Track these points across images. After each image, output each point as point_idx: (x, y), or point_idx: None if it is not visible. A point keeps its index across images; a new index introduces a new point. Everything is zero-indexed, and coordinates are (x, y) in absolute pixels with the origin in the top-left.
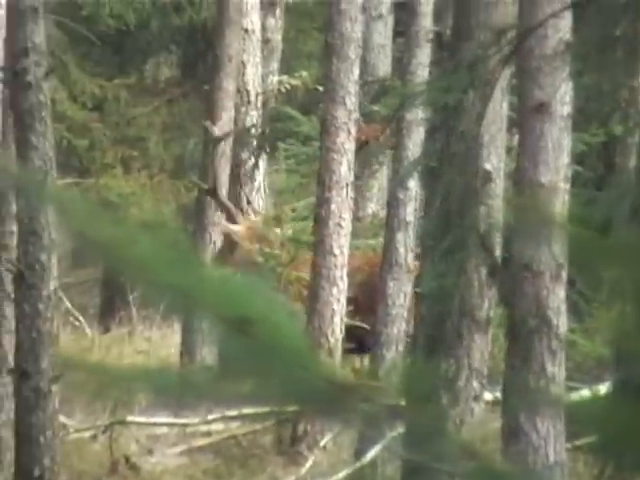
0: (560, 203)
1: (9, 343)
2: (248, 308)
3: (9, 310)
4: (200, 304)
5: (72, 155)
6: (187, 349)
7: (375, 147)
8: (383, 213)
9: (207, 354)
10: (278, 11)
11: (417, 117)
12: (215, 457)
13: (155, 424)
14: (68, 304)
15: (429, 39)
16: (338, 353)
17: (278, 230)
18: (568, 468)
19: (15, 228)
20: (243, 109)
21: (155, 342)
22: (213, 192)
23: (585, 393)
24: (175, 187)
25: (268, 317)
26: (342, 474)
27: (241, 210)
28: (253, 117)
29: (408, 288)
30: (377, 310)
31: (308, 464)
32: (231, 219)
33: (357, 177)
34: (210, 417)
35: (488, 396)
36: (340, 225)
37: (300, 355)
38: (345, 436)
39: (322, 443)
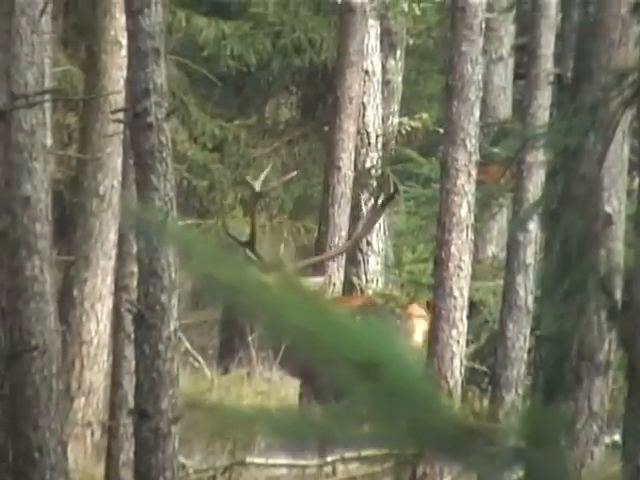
0: None
1: (129, 383)
2: (373, 351)
3: (129, 350)
4: (324, 347)
5: (192, 196)
6: (306, 390)
7: (495, 189)
8: (503, 255)
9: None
10: (399, 53)
11: (537, 159)
12: None
13: (274, 465)
14: (187, 345)
15: (550, 81)
16: (458, 395)
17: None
18: None
19: (136, 269)
20: (363, 151)
21: (274, 383)
22: (250, 245)
23: None
24: (295, 228)
25: (393, 360)
26: None
27: (360, 251)
28: (373, 158)
29: (527, 330)
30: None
31: None
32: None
33: (477, 219)
34: (329, 458)
35: (608, 439)
36: (460, 267)
37: (425, 398)
38: (464, 478)
39: None
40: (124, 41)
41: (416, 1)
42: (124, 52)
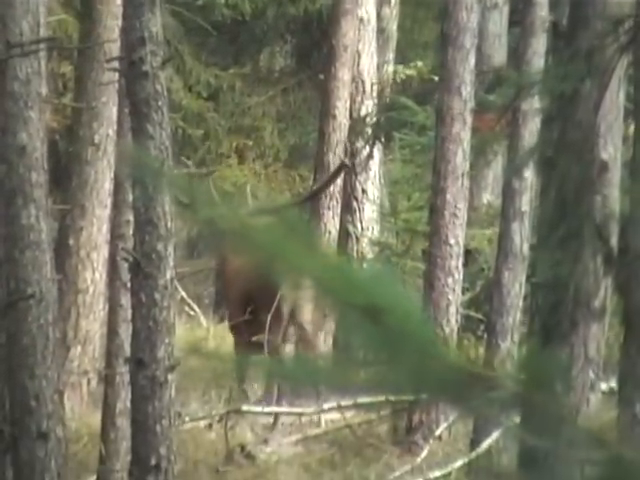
0: None
1: (125, 332)
2: (376, 296)
3: (125, 299)
4: (328, 291)
5: (187, 145)
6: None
7: (490, 136)
8: (498, 202)
9: (322, 343)
10: (393, 0)
11: (533, 106)
12: (330, 446)
13: (270, 413)
14: (183, 294)
15: (545, 28)
16: (453, 343)
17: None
18: None
19: (131, 217)
20: (358, 99)
21: None
22: None
23: None
24: (290, 176)
25: (396, 305)
26: (458, 464)
27: (356, 199)
28: (368, 106)
29: (523, 278)
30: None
31: (423, 454)
32: None
33: (472, 167)
34: (325, 406)
35: (604, 386)
36: (455, 215)
37: (427, 343)
38: (460, 426)
39: (437, 432)
40: None
41: None
42: (119, 1)
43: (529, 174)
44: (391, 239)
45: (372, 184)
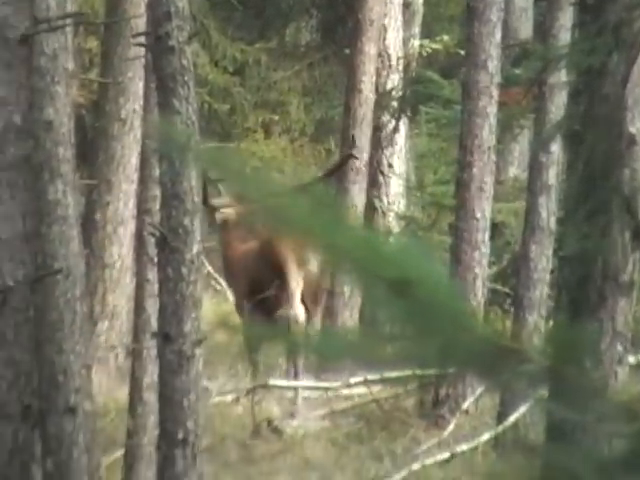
0: None
1: (152, 307)
2: (406, 269)
3: (152, 274)
4: (357, 264)
5: (213, 119)
6: (329, 312)
7: (517, 110)
8: (524, 176)
9: (348, 317)
10: None
11: (560, 80)
12: (357, 420)
13: (297, 387)
14: (210, 268)
15: (572, 1)
16: (480, 316)
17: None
18: None
19: (158, 192)
20: (384, 73)
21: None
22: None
23: None
24: (316, 151)
25: (425, 278)
26: (484, 437)
27: (382, 173)
28: (394, 81)
29: (550, 251)
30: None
31: (450, 427)
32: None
33: (498, 141)
34: (352, 381)
35: (632, 359)
36: (482, 189)
37: (457, 315)
38: (487, 399)
39: (464, 406)
40: None
41: None
42: None
43: (556, 148)
44: (417, 213)
45: (398, 158)
